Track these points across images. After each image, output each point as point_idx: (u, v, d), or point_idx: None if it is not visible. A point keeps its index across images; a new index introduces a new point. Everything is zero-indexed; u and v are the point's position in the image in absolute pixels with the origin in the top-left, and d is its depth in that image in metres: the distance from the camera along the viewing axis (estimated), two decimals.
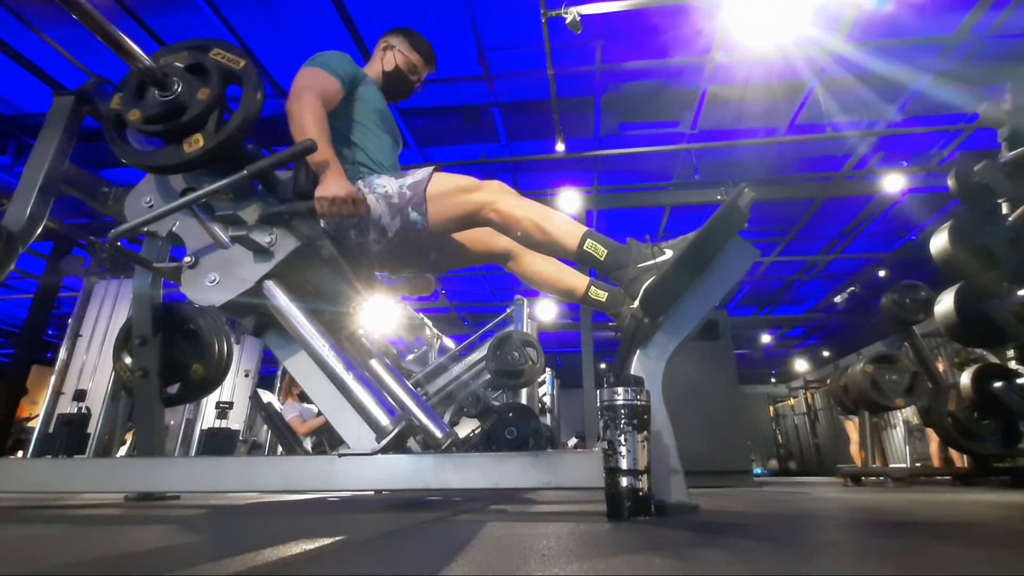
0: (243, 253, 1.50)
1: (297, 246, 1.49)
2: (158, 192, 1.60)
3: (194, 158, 1.40)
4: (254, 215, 1.51)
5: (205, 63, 1.45)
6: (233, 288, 1.47)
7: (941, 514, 1.34)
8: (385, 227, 1.57)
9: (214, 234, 1.51)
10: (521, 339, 3.89)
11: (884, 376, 3.81)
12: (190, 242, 1.54)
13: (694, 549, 0.78)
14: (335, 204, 1.45)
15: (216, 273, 1.49)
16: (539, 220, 1.47)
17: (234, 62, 1.46)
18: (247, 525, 1.21)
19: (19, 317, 9.96)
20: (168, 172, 1.54)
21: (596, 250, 1.43)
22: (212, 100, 1.40)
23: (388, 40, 1.96)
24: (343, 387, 1.40)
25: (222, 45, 1.48)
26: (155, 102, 1.41)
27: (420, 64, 1.95)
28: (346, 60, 1.74)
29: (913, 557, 0.73)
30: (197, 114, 1.39)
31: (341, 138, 1.71)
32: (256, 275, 1.47)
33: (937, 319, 2.88)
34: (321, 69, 1.65)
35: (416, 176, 1.59)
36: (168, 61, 1.45)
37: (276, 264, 1.48)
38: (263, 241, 1.48)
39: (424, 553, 0.76)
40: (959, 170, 2.68)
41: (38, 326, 6.05)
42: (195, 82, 1.43)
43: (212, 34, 4.42)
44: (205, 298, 1.48)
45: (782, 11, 3.96)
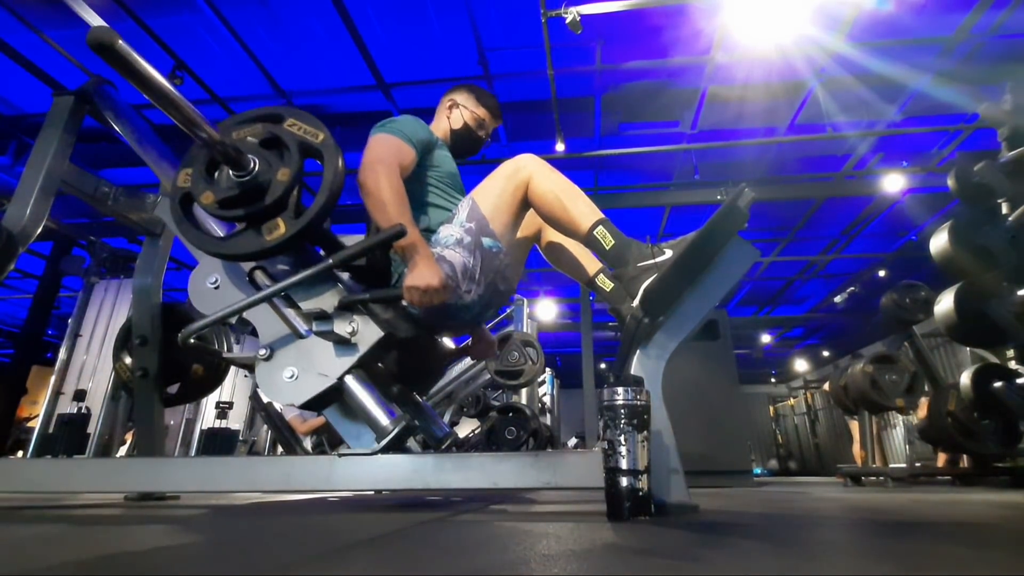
0: (323, 345, 1.39)
1: (381, 336, 1.38)
2: (224, 272, 1.48)
3: (275, 246, 1.29)
4: (332, 301, 1.40)
5: (281, 136, 1.33)
6: (314, 386, 1.36)
7: (941, 514, 1.34)
8: (471, 271, 1.49)
9: (292, 324, 1.40)
10: (521, 339, 3.90)
11: (884, 376, 3.81)
12: (263, 329, 1.42)
13: (694, 549, 0.78)
14: (427, 294, 1.36)
15: (294, 367, 1.38)
16: (563, 196, 1.48)
17: (313, 135, 1.35)
18: (247, 525, 1.21)
19: (19, 317, 9.96)
20: (246, 260, 1.42)
21: (604, 238, 1.43)
22: (292, 180, 1.29)
23: (452, 98, 1.89)
24: (351, 397, 1.39)
25: (296, 115, 1.37)
26: (231, 183, 1.29)
27: (488, 119, 1.90)
28: (420, 125, 1.67)
29: (913, 557, 0.73)
30: (278, 197, 1.28)
31: (416, 203, 1.62)
32: (339, 370, 1.36)
33: (937, 319, 2.88)
34: (395, 136, 1.56)
35: (464, 208, 1.54)
36: (240, 134, 1.33)
37: (359, 357, 1.37)
38: (344, 332, 1.37)
39: (424, 553, 0.76)
40: (959, 170, 2.68)
41: (38, 326, 6.05)
42: (272, 159, 1.32)
43: (213, 35, 4.42)
44: (283, 396, 1.38)
45: (782, 11, 3.96)
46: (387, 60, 4.72)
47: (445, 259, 1.49)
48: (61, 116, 1.87)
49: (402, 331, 1.41)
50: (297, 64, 4.74)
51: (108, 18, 3.92)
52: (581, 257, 1.69)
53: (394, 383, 1.83)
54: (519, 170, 1.52)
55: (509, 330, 4.22)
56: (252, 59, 4.62)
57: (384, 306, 1.41)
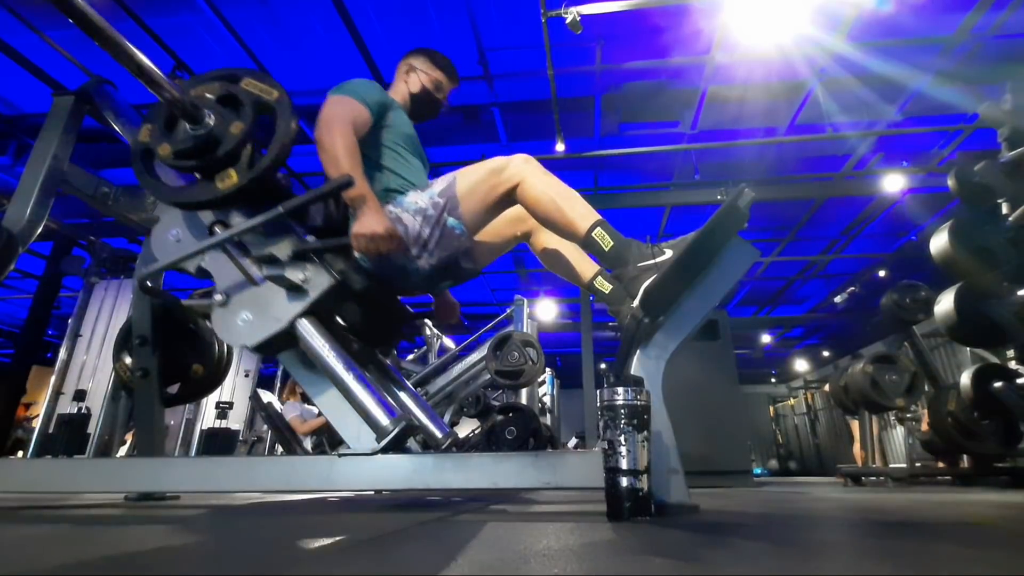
0: (275, 290, 1.45)
1: (332, 284, 1.44)
2: (186, 226, 1.54)
3: (227, 195, 1.36)
4: (286, 250, 1.45)
5: (237, 94, 1.39)
6: (266, 328, 1.42)
7: (941, 514, 1.34)
8: (426, 240, 1.54)
9: (246, 271, 1.46)
10: (521, 339, 3.89)
11: (884, 376, 3.81)
12: (219, 278, 1.48)
13: (694, 549, 0.78)
14: (373, 241, 1.42)
15: (248, 312, 1.44)
16: (558, 198, 1.48)
17: (267, 92, 1.41)
18: (247, 525, 1.21)
19: (19, 317, 9.96)
20: (200, 209, 1.48)
21: (603, 240, 1.43)
22: (246, 134, 1.36)
23: (409, 62, 1.95)
24: (343, 387, 1.40)
25: (253, 75, 1.44)
26: (186, 136, 1.35)
27: (445, 81, 1.96)
28: (374, 87, 1.71)
29: (913, 557, 0.73)
30: (231, 149, 1.35)
31: (372, 164, 1.68)
32: (290, 314, 1.42)
33: (937, 319, 2.88)
34: (350, 97, 1.61)
35: (443, 183, 1.57)
36: (199, 92, 1.39)
37: (311, 303, 1.43)
38: (297, 279, 1.43)
39: (424, 553, 0.76)
40: (959, 170, 2.68)
41: (38, 326, 6.05)
42: (227, 114, 1.38)
43: (212, 34, 4.42)
44: (238, 338, 1.43)
45: (782, 11, 3.96)
46: (387, 60, 4.71)
47: (401, 221, 1.55)
48: (61, 116, 1.87)
49: (355, 282, 1.48)
50: (297, 64, 4.74)
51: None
52: (577, 260, 1.69)
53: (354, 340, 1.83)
54: (506, 169, 1.52)
55: (509, 330, 4.21)
56: (252, 59, 4.62)
57: (337, 257, 1.47)
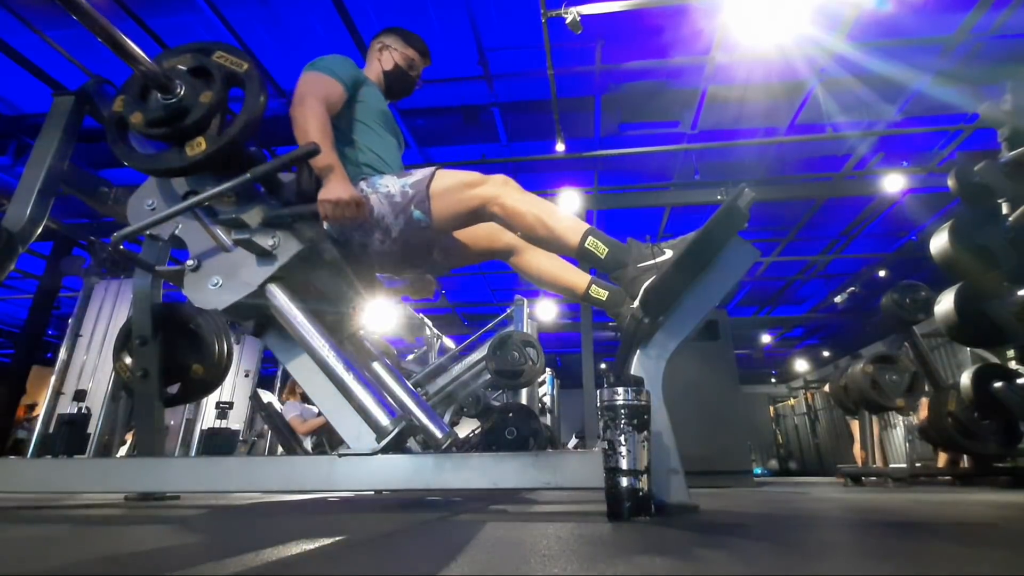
0: (246, 256, 1.49)
1: (300, 249, 1.48)
2: (160, 195, 1.58)
3: (196, 161, 1.39)
4: (257, 218, 1.50)
5: (208, 66, 1.43)
6: (236, 291, 1.47)
7: (941, 514, 1.34)
8: (389, 226, 1.58)
9: (217, 237, 1.50)
10: (521, 339, 3.89)
11: (884, 376, 3.81)
12: (192, 245, 1.53)
13: (694, 549, 0.78)
14: (339, 207, 1.46)
15: (219, 276, 1.48)
16: (542, 215, 1.47)
17: (237, 65, 1.45)
18: (247, 525, 1.21)
19: (19, 317, 9.96)
20: (170, 175, 1.53)
21: (597, 248, 1.43)
22: (215, 103, 1.39)
23: (381, 40, 1.98)
24: (343, 387, 1.40)
25: (225, 48, 1.47)
26: (158, 105, 1.40)
27: (417, 59, 1.98)
28: (348, 63, 1.74)
29: (913, 557, 0.73)
30: (200, 117, 1.38)
31: (345, 139, 1.71)
32: (259, 278, 1.46)
33: (937, 319, 2.88)
34: (324, 73, 1.65)
35: (419, 175, 1.60)
36: (171, 64, 1.44)
37: (279, 267, 1.47)
38: (266, 244, 1.47)
39: (424, 553, 0.76)
40: (959, 170, 2.68)
41: (38, 326, 6.05)
42: (198, 85, 1.42)
43: (212, 35, 4.42)
44: (208, 301, 1.48)
45: (782, 11, 3.96)
46: None
47: (368, 199, 1.58)
48: (61, 116, 1.87)
49: (324, 251, 1.52)
50: (297, 64, 4.69)
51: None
52: (566, 275, 1.68)
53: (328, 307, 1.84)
54: (479, 186, 1.52)
55: (509, 330, 4.21)
56: (252, 59, 4.62)
57: (306, 225, 1.50)
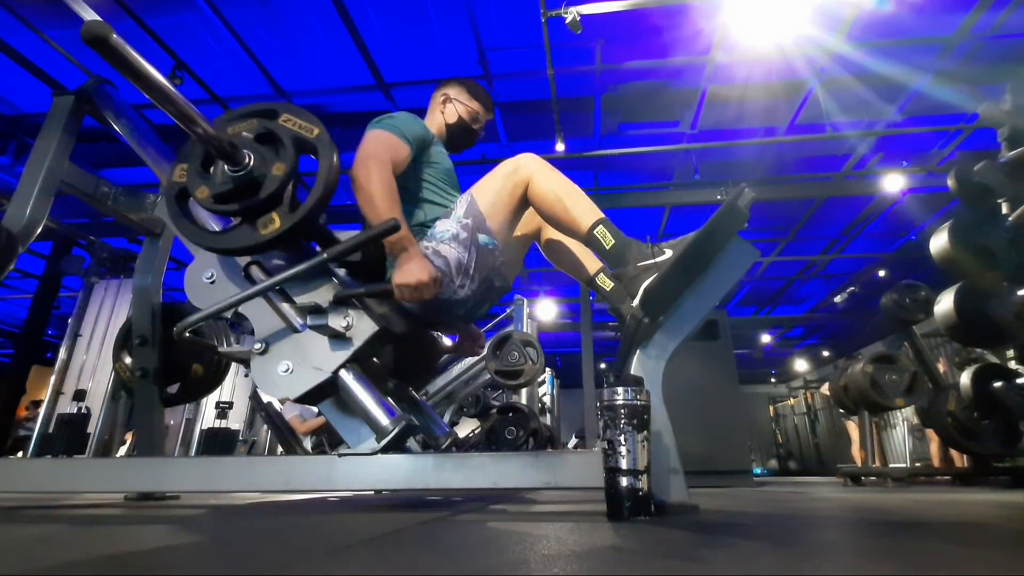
0: (317, 338, 1.40)
1: (376, 331, 1.40)
2: (221, 268, 1.49)
3: (270, 240, 1.30)
4: (327, 296, 1.41)
5: (276, 131, 1.33)
6: (309, 380, 1.37)
7: (941, 514, 1.34)
8: (467, 266, 1.50)
9: (286, 318, 1.41)
10: (521, 339, 3.89)
11: (884, 376, 3.81)
12: (258, 324, 1.43)
13: (694, 549, 0.78)
14: (418, 290, 1.39)
15: (289, 361, 1.39)
16: (563, 195, 1.48)
17: (307, 130, 1.35)
18: (247, 525, 1.21)
19: (19, 317, 9.96)
20: (241, 255, 1.44)
21: (605, 238, 1.44)
22: (287, 175, 1.30)
23: (445, 92, 1.90)
24: (343, 387, 1.40)
25: (291, 110, 1.38)
26: (225, 178, 1.29)
27: (482, 113, 1.91)
28: (416, 122, 1.67)
29: (913, 557, 0.73)
30: (273, 191, 1.28)
31: (411, 199, 1.64)
32: (333, 364, 1.37)
33: (937, 319, 2.88)
34: (390, 132, 1.56)
35: (463, 204, 1.55)
36: (236, 130, 1.34)
37: (355, 351, 1.39)
38: (339, 326, 1.38)
39: (424, 553, 0.76)
40: (959, 170, 2.68)
41: (38, 326, 6.05)
42: (267, 154, 1.31)
43: (213, 34, 4.42)
44: (278, 390, 1.39)
45: (782, 11, 3.96)
46: (387, 60, 4.72)
47: (440, 254, 1.50)
48: (61, 116, 1.87)
49: (396, 326, 1.43)
50: (297, 64, 4.74)
51: (108, 18, 3.92)
52: (581, 256, 1.70)
53: (390, 379, 1.83)
54: (518, 169, 1.53)
55: (509, 330, 4.21)
56: (252, 59, 4.62)
57: (379, 301, 1.42)
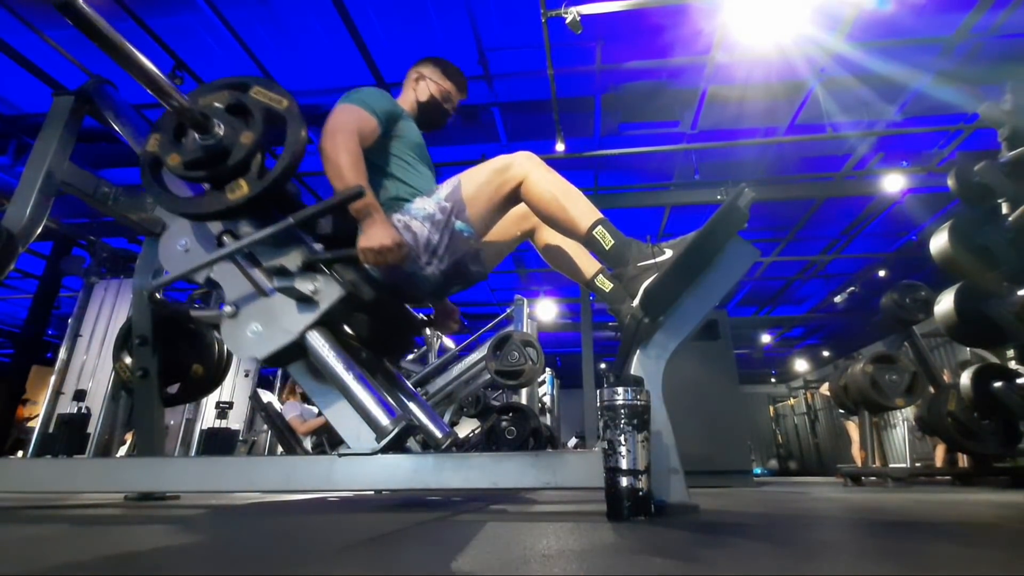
0: (285, 301, 1.44)
1: (342, 295, 1.43)
2: (194, 236, 1.53)
3: (238, 205, 1.34)
4: (296, 261, 1.45)
5: (246, 103, 1.38)
6: (276, 340, 1.42)
7: (941, 514, 1.34)
8: (436, 246, 1.54)
9: (256, 282, 1.45)
10: (521, 339, 3.89)
11: (884, 376, 3.81)
12: (229, 289, 1.47)
13: (694, 549, 0.78)
14: (381, 254, 1.42)
15: (258, 323, 1.43)
16: (560, 196, 1.48)
17: (276, 101, 1.39)
18: (247, 525, 1.21)
19: (19, 317, 9.96)
20: (210, 219, 1.48)
21: (604, 238, 1.43)
22: (255, 143, 1.34)
23: (419, 70, 1.94)
24: (343, 387, 1.40)
25: (262, 83, 1.42)
26: (196, 146, 1.34)
27: (454, 92, 1.94)
28: (383, 96, 1.69)
29: (913, 557, 0.73)
30: (241, 159, 1.33)
31: (381, 173, 1.67)
32: (300, 326, 1.41)
33: (937, 319, 2.88)
34: (357, 106, 1.59)
35: (448, 187, 1.57)
36: (207, 101, 1.38)
37: (321, 314, 1.42)
38: (307, 290, 1.42)
39: (424, 553, 0.76)
40: (959, 170, 2.68)
41: (38, 326, 6.05)
42: (236, 123, 1.36)
43: (212, 34, 4.42)
44: (247, 350, 1.42)
45: (782, 11, 3.96)
46: (387, 60, 4.72)
47: (410, 229, 1.54)
48: (61, 116, 1.87)
49: (364, 293, 1.46)
50: (297, 64, 4.74)
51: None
52: (579, 258, 1.70)
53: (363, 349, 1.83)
54: (510, 168, 1.53)
55: (509, 330, 4.21)
56: (252, 59, 4.62)
57: (347, 267, 1.46)
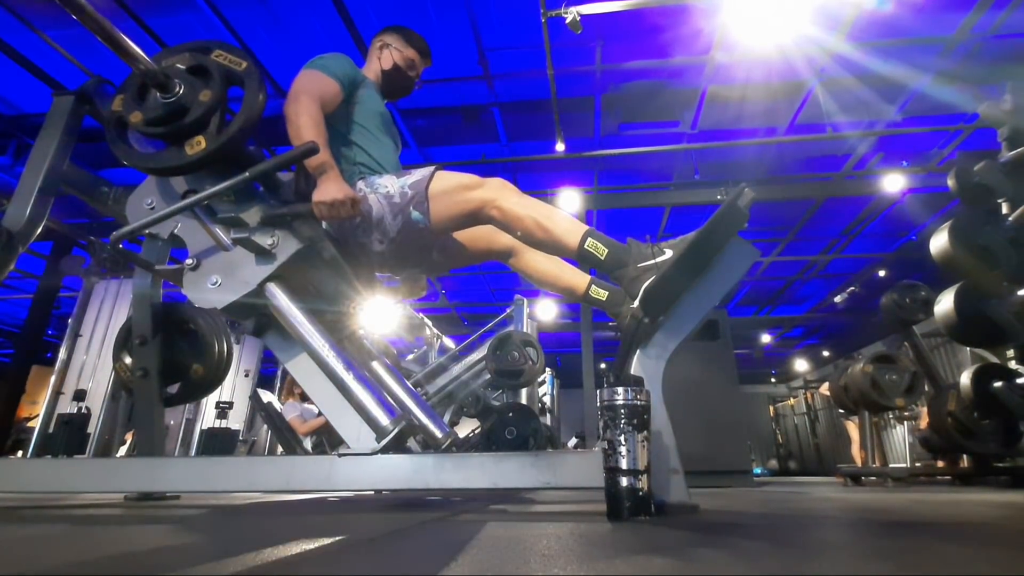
0: (245, 255, 1.49)
1: (299, 248, 1.48)
2: (159, 194, 1.59)
3: (196, 160, 1.39)
4: (256, 217, 1.50)
5: (207, 64, 1.44)
6: (235, 290, 1.47)
7: (941, 514, 1.34)
8: (387, 227, 1.57)
9: (216, 236, 1.51)
10: (521, 339, 3.89)
11: (884, 376, 3.81)
12: (192, 244, 1.54)
13: (694, 549, 0.78)
14: (334, 207, 1.45)
15: (218, 275, 1.49)
16: (540, 218, 1.47)
17: (236, 63, 1.46)
18: (247, 525, 1.21)
19: (19, 317, 9.96)
20: (169, 174, 1.53)
21: (597, 249, 1.43)
22: (214, 102, 1.40)
23: (382, 39, 1.96)
24: (343, 387, 1.40)
25: (223, 47, 1.48)
26: (157, 104, 1.40)
27: (417, 59, 1.96)
28: (346, 62, 1.73)
29: (913, 557, 0.73)
30: (199, 116, 1.39)
31: (341, 139, 1.70)
32: (258, 277, 1.47)
33: (937, 319, 2.88)
34: (320, 71, 1.64)
35: (417, 175, 1.59)
36: (170, 63, 1.44)
37: (278, 266, 1.47)
38: (265, 243, 1.48)
39: (424, 553, 0.76)
40: (959, 170, 2.68)
41: (38, 326, 6.05)
42: (197, 84, 1.42)
43: (212, 34, 4.42)
44: (207, 300, 1.48)
45: (782, 11, 3.96)
46: None
47: (366, 200, 1.58)
48: (61, 116, 1.87)
49: (323, 249, 1.51)
50: (297, 64, 4.69)
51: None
52: (565, 276, 1.69)
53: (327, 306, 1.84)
54: (477, 189, 1.52)
55: (509, 330, 4.21)
56: (253, 60, 4.62)
57: (305, 223, 1.49)
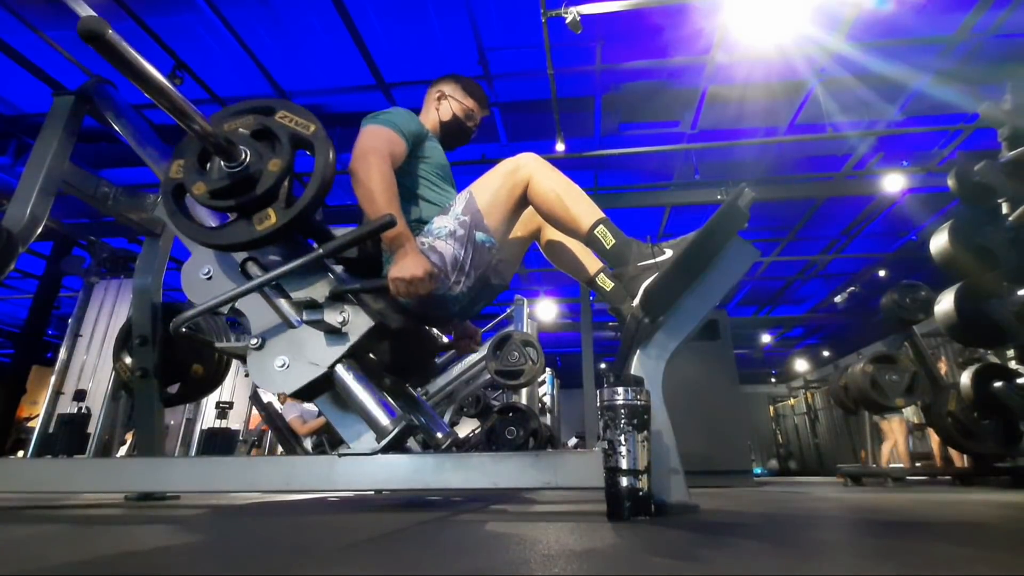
0: (313, 333, 1.41)
1: (372, 326, 1.41)
2: (217, 263, 1.50)
3: (266, 236, 1.31)
4: (323, 291, 1.42)
5: (273, 128, 1.34)
6: (304, 375, 1.38)
7: (941, 514, 1.34)
8: (463, 263, 1.51)
9: (284, 314, 1.41)
10: (521, 339, 3.88)
11: (884, 376, 3.81)
12: (255, 320, 1.44)
13: (694, 549, 0.77)
14: (412, 284, 1.38)
15: (285, 356, 1.40)
16: (563, 195, 1.48)
17: (304, 126, 1.36)
18: (247, 525, 1.21)
19: (19, 317, 9.97)
20: (238, 251, 1.44)
21: (605, 237, 1.43)
22: (283, 171, 1.31)
23: (440, 88, 1.91)
24: (343, 387, 1.40)
25: (288, 107, 1.39)
26: (222, 174, 1.30)
27: (477, 110, 1.92)
28: (411, 117, 1.68)
29: (913, 557, 0.72)
30: (269, 187, 1.29)
31: (407, 194, 1.64)
32: (330, 359, 1.38)
33: (937, 319, 2.88)
34: (387, 128, 1.57)
35: (462, 201, 1.55)
36: (232, 126, 1.35)
37: (351, 347, 1.39)
38: (335, 322, 1.39)
39: (424, 553, 0.76)
40: (959, 170, 2.68)
41: (38, 326, 6.05)
42: (263, 150, 1.33)
43: (212, 34, 4.42)
44: (274, 384, 1.39)
45: (782, 11, 3.96)
46: (387, 60, 4.72)
47: (436, 250, 1.50)
48: (61, 116, 1.87)
49: (392, 321, 1.44)
50: (297, 64, 4.74)
51: (108, 18, 3.91)
52: (581, 256, 1.70)
53: (387, 375, 1.83)
54: (518, 169, 1.53)
55: (509, 330, 4.21)
56: (252, 59, 4.62)
57: (375, 296, 1.43)
